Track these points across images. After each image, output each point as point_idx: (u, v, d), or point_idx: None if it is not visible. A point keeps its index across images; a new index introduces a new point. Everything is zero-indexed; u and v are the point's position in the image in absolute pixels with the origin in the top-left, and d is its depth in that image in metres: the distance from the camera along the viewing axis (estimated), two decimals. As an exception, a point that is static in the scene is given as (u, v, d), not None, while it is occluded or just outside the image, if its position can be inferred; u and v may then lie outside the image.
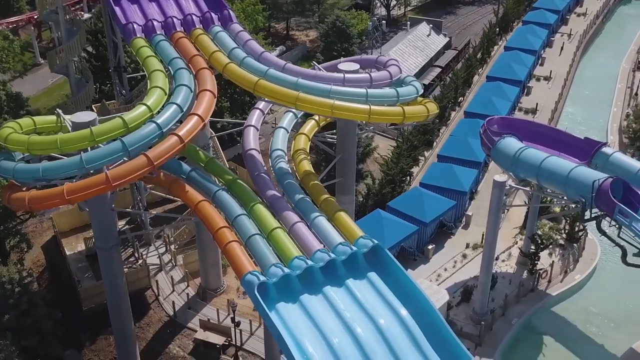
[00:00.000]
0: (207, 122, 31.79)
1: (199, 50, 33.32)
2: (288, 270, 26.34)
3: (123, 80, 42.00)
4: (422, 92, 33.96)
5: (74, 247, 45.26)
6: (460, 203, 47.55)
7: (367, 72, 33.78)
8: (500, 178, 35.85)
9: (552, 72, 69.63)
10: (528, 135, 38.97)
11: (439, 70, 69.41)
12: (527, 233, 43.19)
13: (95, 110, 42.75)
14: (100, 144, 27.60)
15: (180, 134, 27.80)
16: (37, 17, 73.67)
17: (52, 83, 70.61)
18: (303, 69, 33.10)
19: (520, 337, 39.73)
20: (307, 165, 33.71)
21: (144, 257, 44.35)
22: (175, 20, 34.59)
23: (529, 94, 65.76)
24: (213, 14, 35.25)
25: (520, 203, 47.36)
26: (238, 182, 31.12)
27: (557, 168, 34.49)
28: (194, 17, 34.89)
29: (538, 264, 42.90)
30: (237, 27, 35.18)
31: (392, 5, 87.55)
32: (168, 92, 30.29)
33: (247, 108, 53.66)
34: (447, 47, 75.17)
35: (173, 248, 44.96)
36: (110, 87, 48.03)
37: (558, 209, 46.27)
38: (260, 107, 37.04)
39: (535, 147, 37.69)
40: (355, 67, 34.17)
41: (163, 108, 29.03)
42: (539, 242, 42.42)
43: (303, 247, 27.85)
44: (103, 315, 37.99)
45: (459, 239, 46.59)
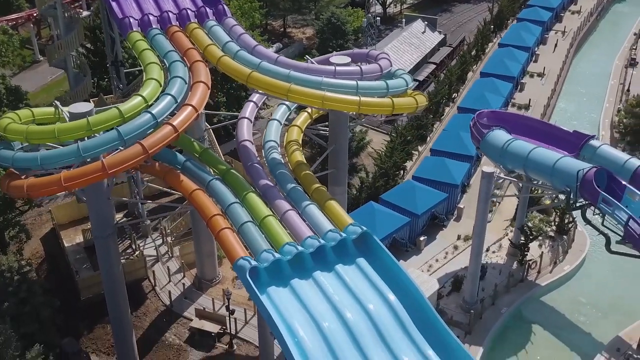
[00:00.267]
0: (201, 112, 32.71)
1: (194, 44, 34.12)
2: (279, 256, 27.14)
3: (120, 75, 42.81)
4: (412, 84, 34.77)
5: (73, 239, 46.07)
6: (452, 196, 48.36)
7: (358, 65, 34.49)
8: (489, 169, 36.66)
9: (545, 68, 70.49)
10: (517, 129, 39.79)
11: (434, 67, 70.25)
12: (516, 224, 43.99)
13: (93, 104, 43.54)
14: (97, 134, 28.38)
15: (175, 124, 28.61)
16: (36, 14, 74.63)
17: (51, 80, 71.39)
18: (295, 62, 33.93)
19: (510, 325, 40.51)
20: (299, 156, 34.52)
21: (141, 248, 45.15)
22: (171, 15, 35.37)
23: (522, 90, 66.60)
24: (208, 9, 36.03)
25: (511, 195, 48.14)
26: (231, 172, 31.93)
27: (543, 159, 35.33)
28: (189, 11, 35.67)
29: (528, 255, 43.69)
30: (231, 21, 35.98)
31: (388, 3, 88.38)
32: (163, 83, 31.05)
33: (242, 103, 54.30)
34: (442, 44, 76.00)
35: (170, 240, 45.76)
36: (108, 82, 48.83)
37: (548, 202, 47.08)
38: (254, 99, 37.90)
39: (525, 140, 38.54)
40: (347, 60, 34.99)
41: (158, 99, 29.80)
42: (528, 233, 43.22)
43: (294, 234, 28.66)
44: (101, 305, 38.70)
45: (451, 231, 47.41)
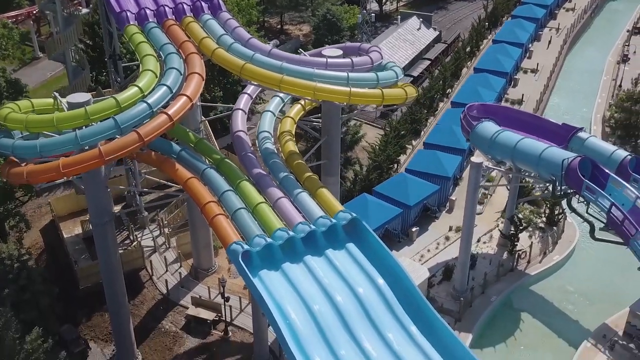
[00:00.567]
0: (197, 104, 33.55)
1: (189, 37, 34.95)
2: (271, 240, 28.02)
3: (118, 68, 43.64)
4: (402, 76, 35.60)
5: (72, 230, 46.95)
6: (444, 188, 49.26)
7: (349, 57, 35.34)
8: (477, 159, 37.54)
9: (538, 64, 71.38)
10: (507, 121, 40.71)
11: (428, 63, 71.06)
12: (506, 215, 44.87)
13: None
14: (94, 123, 29.24)
15: (170, 113, 29.47)
16: (36, 12, 75.54)
17: (50, 76, 72.21)
18: (288, 54, 34.80)
19: (499, 313, 41.41)
20: (292, 146, 35.39)
21: (139, 239, 46.03)
22: (167, 9, 36.16)
23: (516, 86, 67.51)
24: (203, 3, 36.81)
25: (502, 188, 49.03)
26: (226, 161, 32.83)
27: (530, 149, 36.26)
28: (185, 5, 36.47)
29: (518, 246, 44.56)
30: (226, 15, 36.82)
31: (384, 1, 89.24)
32: (159, 75, 31.92)
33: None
34: (436, 40, 76.85)
35: (167, 231, 46.64)
36: (107, 76, 49.66)
37: (539, 193, 47.96)
38: (249, 91, 38.83)
39: (515, 132, 39.39)
40: (339, 53, 35.87)
41: (154, 89, 30.66)
42: (518, 224, 44.09)
43: (286, 220, 29.55)
44: (99, 294, 39.58)
45: (443, 223, 48.31)
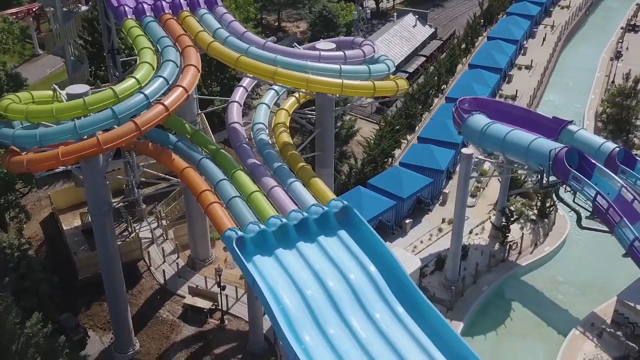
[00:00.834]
0: (193, 97, 34.33)
1: (186, 31, 35.77)
2: (264, 227, 28.82)
3: (117, 63, 44.41)
4: (393, 69, 36.43)
5: (71, 222, 47.75)
6: (437, 181, 50.07)
7: (342, 50, 36.16)
8: (468, 151, 38.36)
9: (533, 61, 72.15)
10: (498, 115, 41.52)
11: (424, 59, 71.87)
12: (498, 207, 45.68)
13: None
14: (93, 113, 30.03)
15: (166, 103, 30.29)
16: (35, 9, 76.31)
17: (50, 73, 72.94)
18: (282, 47, 35.67)
19: (490, 302, 42.19)
20: (286, 137, 36.20)
21: (137, 231, 46.84)
22: (164, 3, 36.94)
23: (510, 82, 68.30)
24: (199, -3, 37.69)
25: (495, 182, 49.83)
26: (221, 151, 33.64)
27: (518, 140, 37.10)
28: (182, 0, 37.27)
29: (509, 237, 45.37)
30: (221, 9, 37.64)
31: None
32: (156, 67, 32.71)
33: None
34: (432, 37, 77.64)
35: (164, 223, 47.46)
36: (105, 71, 50.46)
37: (530, 185, 48.78)
38: (244, 84, 39.67)
39: (504, 125, 40.18)
40: (332, 46, 36.71)
41: (151, 81, 31.46)
42: (509, 215, 44.90)
43: (279, 208, 30.33)
44: (97, 285, 40.39)
45: (436, 215, 49.12)
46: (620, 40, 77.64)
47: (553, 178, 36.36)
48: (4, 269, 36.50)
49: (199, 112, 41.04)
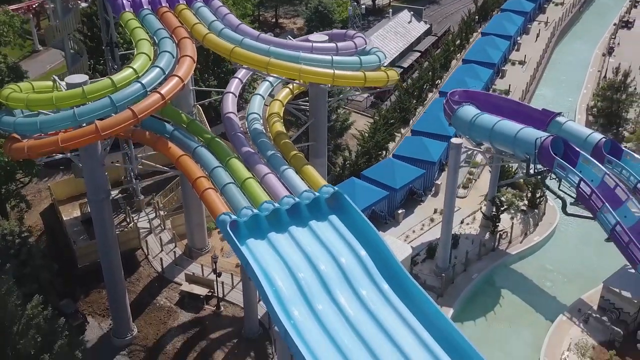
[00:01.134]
0: (190, 89, 35.24)
1: (182, 23, 36.69)
2: (257, 211, 29.78)
3: (115, 56, 45.38)
4: (385, 60, 37.42)
5: (70, 213, 48.81)
6: (430, 172, 51.07)
7: (334, 42, 37.12)
8: (457, 140, 39.32)
9: (526, 56, 73.22)
10: (488, 106, 42.47)
11: (418, 55, 72.86)
12: (488, 197, 46.65)
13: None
14: (91, 102, 31.00)
15: (162, 92, 31.23)
16: (35, 5, 77.25)
17: (50, 68, 73.93)
18: (275, 39, 36.65)
19: (480, 289, 43.18)
20: (279, 127, 37.16)
21: (135, 221, 47.84)
22: (161, -3, 37.96)
23: (504, 77, 69.34)
24: (195, -9, 38.61)
25: (487, 174, 50.79)
26: (216, 139, 34.60)
27: (506, 130, 38.13)
28: (178, -7, 38.25)
29: (500, 227, 46.35)
30: (217, 2, 38.54)
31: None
32: (153, 58, 33.67)
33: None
34: (427, 33, 78.64)
35: (162, 213, 48.44)
36: (104, 64, 51.39)
37: (521, 179, 49.81)
38: (239, 76, 40.67)
39: (493, 115, 41.16)
40: (324, 38, 37.67)
41: (147, 71, 32.41)
42: (499, 205, 45.88)
43: (272, 194, 31.26)
44: (96, 273, 41.45)
45: (428, 206, 50.11)
46: (613, 37, 78.69)
47: (540, 167, 37.33)
48: (5, 256, 37.43)
49: (195, 103, 42.01)
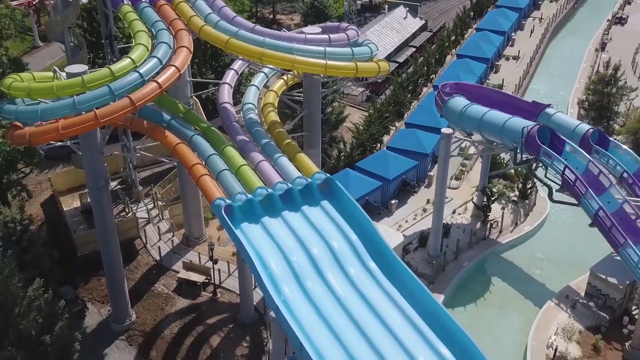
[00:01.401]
0: (184, 75, 36.22)
1: (179, 16, 37.68)
2: (251, 196, 30.76)
3: (114, 49, 46.39)
4: (376, 52, 38.41)
5: (70, 204, 49.78)
6: (423, 164, 52.11)
7: (327, 34, 38.15)
8: (447, 130, 40.34)
9: (520, 52, 74.27)
10: (478, 98, 43.49)
11: (413, 50, 73.87)
12: (479, 187, 47.66)
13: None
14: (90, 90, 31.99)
15: (159, 81, 32.21)
16: (36, 2, 78.24)
17: (50, 63, 74.64)
18: (270, 30, 37.70)
19: (470, 277, 44.21)
20: (274, 116, 38.19)
21: (134, 210, 48.85)
22: (159, -10, 38.91)
23: (497, 72, 70.37)
24: (192, -15, 39.57)
25: (479, 166, 51.77)
26: (212, 128, 35.60)
27: (494, 119, 39.18)
28: (176, -14, 39.19)
29: (490, 217, 47.35)
30: (213, -5, 39.59)
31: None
32: (150, 48, 34.66)
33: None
34: (422, 29, 79.63)
35: (160, 204, 49.44)
36: (103, 58, 52.40)
37: (513, 172, 50.92)
38: (235, 67, 41.72)
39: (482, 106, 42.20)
40: (318, 30, 38.70)
41: (145, 61, 33.39)
42: (490, 194, 46.89)
43: (266, 180, 32.24)
44: (96, 262, 42.42)
45: (421, 196, 51.14)
46: (606, 33, 79.68)
47: (527, 155, 38.34)
48: (7, 243, 38.41)
49: (192, 95, 43.01)
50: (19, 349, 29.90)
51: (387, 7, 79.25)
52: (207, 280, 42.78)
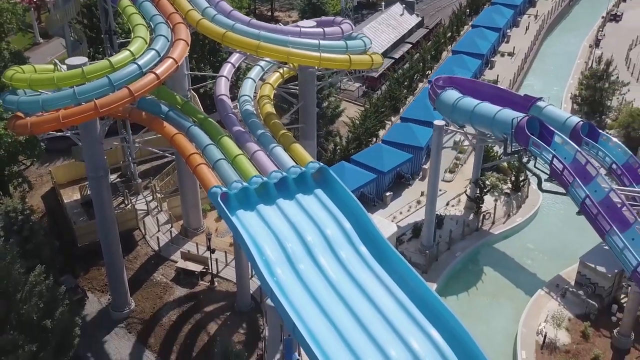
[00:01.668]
0: (182, 67, 37.10)
1: (177, 10, 38.51)
2: (247, 184, 31.63)
3: (114, 44, 47.24)
4: (370, 45, 39.26)
5: (71, 196, 50.65)
6: (417, 157, 52.96)
7: (321, 28, 38.99)
8: (440, 122, 41.21)
9: (515, 48, 75.14)
10: (471, 92, 44.34)
11: (410, 46, 74.69)
12: (472, 179, 48.52)
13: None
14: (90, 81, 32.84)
15: (157, 72, 33.05)
16: (36, -1, 79.07)
17: (51, 59, 74.91)
18: (265, 24, 38.55)
19: (463, 267, 45.11)
20: (269, 108, 39.05)
21: (133, 202, 49.71)
22: (157, -15, 39.72)
23: (492, 68, 71.23)
24: (189, -21, 40.40)
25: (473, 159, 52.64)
26: (209, 119, 36.46)
27: (485, 111, 40.10)
28: (173, -19, 40.03)
29: (483, 208, 48.22)
30: (210, -10, 40.43)
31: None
32: (149, 41, 35.52)
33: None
34: (419, 26, 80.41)
35: (159, 196, 50.29)
36: (103, 53, 53.22)
37: (506, 165, 51.80)
38: (232, 60, 42.59)
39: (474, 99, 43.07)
40: (313, 24, 39.55)
41: (144, 53, 34.25)
42: (482, 186, 47.76)
43: (261, 169, 33.12)
44: (96, 252, 43.28)
45: (416, 189, 52.02)
46: (601, 29, 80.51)
47: (517, 146, 39.21)
48: (9, 231, 39.25)
49: (190, 87, 43.87)
50: (21, 333, 30.76)
51: (383, 4, 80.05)
52: (204, 270, 43.65)
